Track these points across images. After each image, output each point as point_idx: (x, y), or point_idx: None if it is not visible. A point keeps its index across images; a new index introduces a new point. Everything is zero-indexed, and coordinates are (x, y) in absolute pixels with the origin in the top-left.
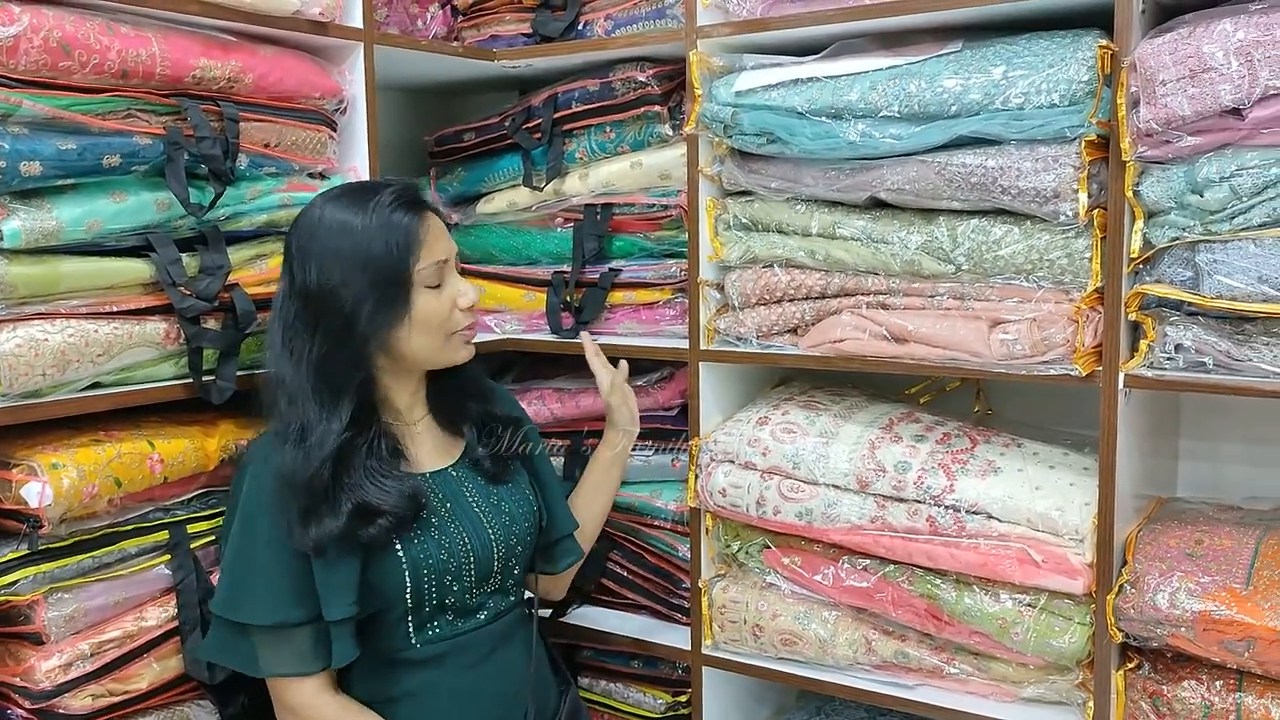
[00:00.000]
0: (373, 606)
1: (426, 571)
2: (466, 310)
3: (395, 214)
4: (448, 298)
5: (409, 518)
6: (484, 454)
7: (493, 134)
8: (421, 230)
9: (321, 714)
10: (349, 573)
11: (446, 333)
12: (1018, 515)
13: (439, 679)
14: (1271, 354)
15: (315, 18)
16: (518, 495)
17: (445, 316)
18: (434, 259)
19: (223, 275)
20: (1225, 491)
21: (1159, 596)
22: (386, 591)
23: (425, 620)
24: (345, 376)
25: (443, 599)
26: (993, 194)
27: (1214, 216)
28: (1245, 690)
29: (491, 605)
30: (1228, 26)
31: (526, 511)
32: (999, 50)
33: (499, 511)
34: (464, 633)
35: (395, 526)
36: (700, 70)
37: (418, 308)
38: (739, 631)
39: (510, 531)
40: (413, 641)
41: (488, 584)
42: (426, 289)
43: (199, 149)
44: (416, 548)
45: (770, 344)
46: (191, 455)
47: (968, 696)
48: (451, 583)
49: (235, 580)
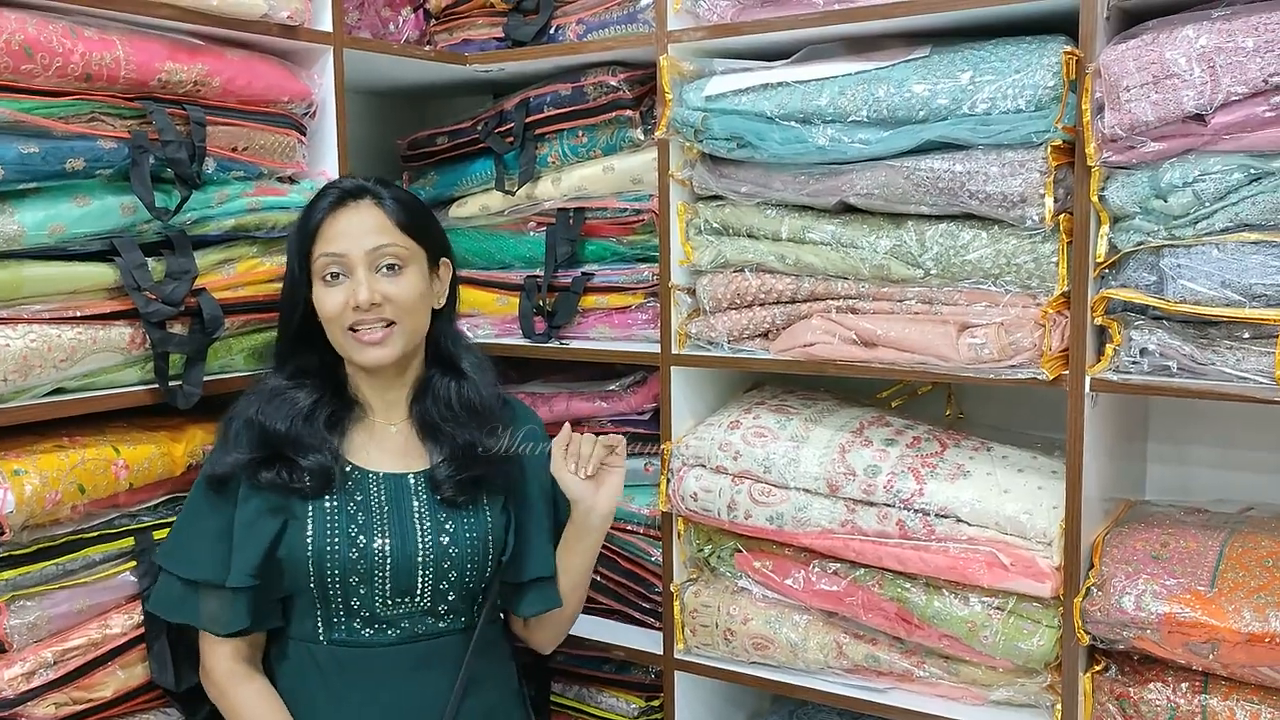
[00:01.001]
0: (280, 588)
1: (330, 565)
2: (355, 309)
3: (315, 204)
4: (344, 293)
5: (317, 488)
6: (443, 475)
7: (465, 138)
8: (325, 222)
9: (227, 683)
10: (259, 543)
11: (340, 329)
12: (986, 519)
13: (349, 689)
14: (1235, 358)
15: (284, 21)
16: (474, 526)
17: (336, 312)
18: (327, 251)
19: (189, 280)
20: (1193, 494)
21: (1125, 599)
22: (293, 573)
23: (334, 617)
24: (290, 345)
25: (348, 600)
26: (960, 199)
27: (1177, 221)
28: (1210, 692)
29: (408, 625)
30: (1190, 33)
31: (477, 543)
32: (966, 55)
33: (440, 532)
34: (371, 644)
35: (296, 488)
36: (671, 75)
37: (316, 298)
38: (711, 636)
39: (447, 555)
40: (320, 637)
41: (408, 601)
42: (320, 281)
43: (165, 153)
44: (326, 538)
45: (741, 348)
46: (158, 461)
47: (938, 699)
48: (358, 584)
49: (175, 527)
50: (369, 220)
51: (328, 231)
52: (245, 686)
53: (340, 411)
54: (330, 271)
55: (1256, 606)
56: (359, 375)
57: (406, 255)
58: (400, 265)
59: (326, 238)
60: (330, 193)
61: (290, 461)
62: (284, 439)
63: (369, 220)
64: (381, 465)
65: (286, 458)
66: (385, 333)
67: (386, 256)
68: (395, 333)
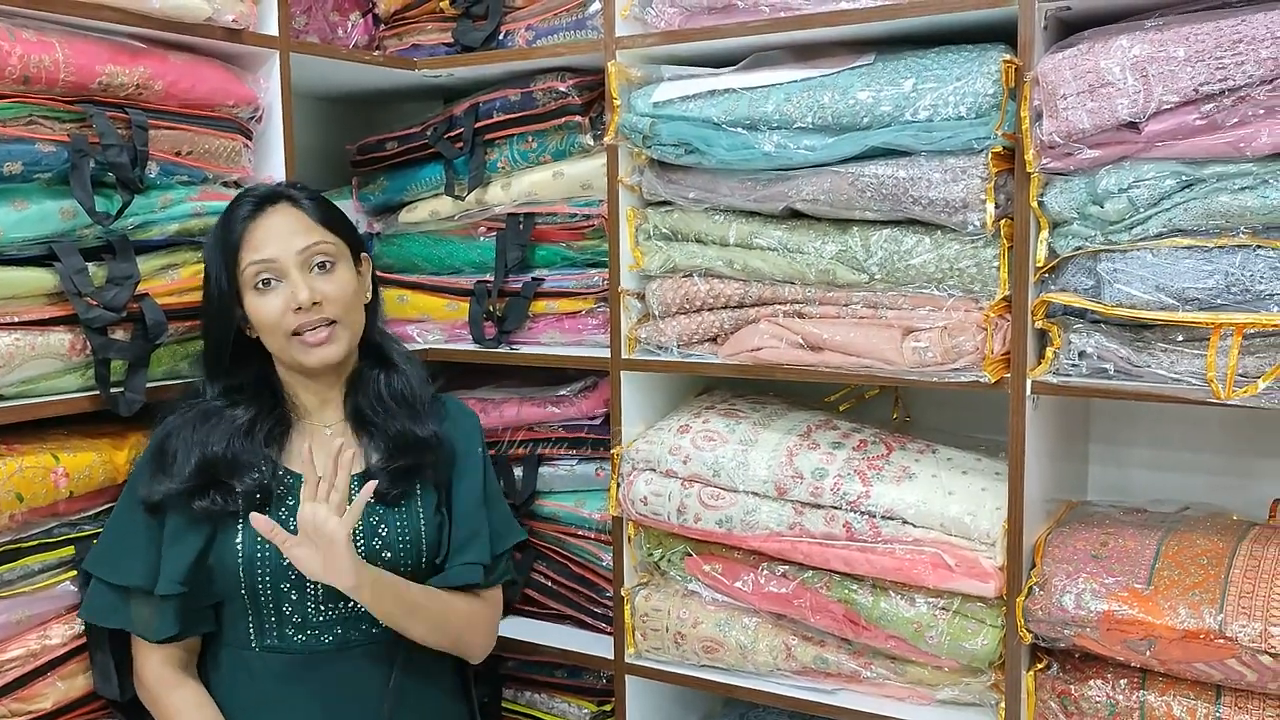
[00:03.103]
0: (211, 595)
1: (262, 571)
2: (297, 311)
3: (231, 216)
4: (282, 298)
5: (250, 506)
6: (378, 469)
7: (415, 143)
8: (248, 230)
9: (159, 689)
10: (188, 551)
11: (283, 334)
12: (931, 520)
13: (283, 695)
14: (1169, 360)
15: (229, 24)
16: (406, 521)
17: (276, 318)
18: (254, 259)
19: (131, 285)
20: (1133, 495)
21: (1066, 598)
22: (224, 578)
23: (265, 623)
24: (218, 362)
25: (280, 605)
26: (904, 204)
27: (1114, 227)
28: (1148, 688)
29: (341, 630)
30: (1124, 42)
31: (409, 538)
32: (909, 63)
33: (373, 536)
34: (304, 651)
35: (233, 507)
36: (619, 81)
37: (249, 308)
38: (661, 640)
39: (378, 556)
40: (253, 643)
41: (340, 605)
42: (253, 290)
43: (105, 156)
44: (257, 543)
45: (691, 353)
46: (99, 469)
47: (885, 700)
48: (289, 590)
49: (105, 533)
50: (292, 222)
51: (252, 239)
52: (177, 692)
53: (279, 423)
54: (262, 279)
55: (1191, 604)
56: (296, 380)
57: (335, 251)
58: (331, 262)
59: (253, 245)
60: (245, 201)
61: (225, 486)
62: (222, 462)
63: (292, 222)
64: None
65: (221, 483)
66: (329, 331)
67: (317, 254)
68: (338, 330)
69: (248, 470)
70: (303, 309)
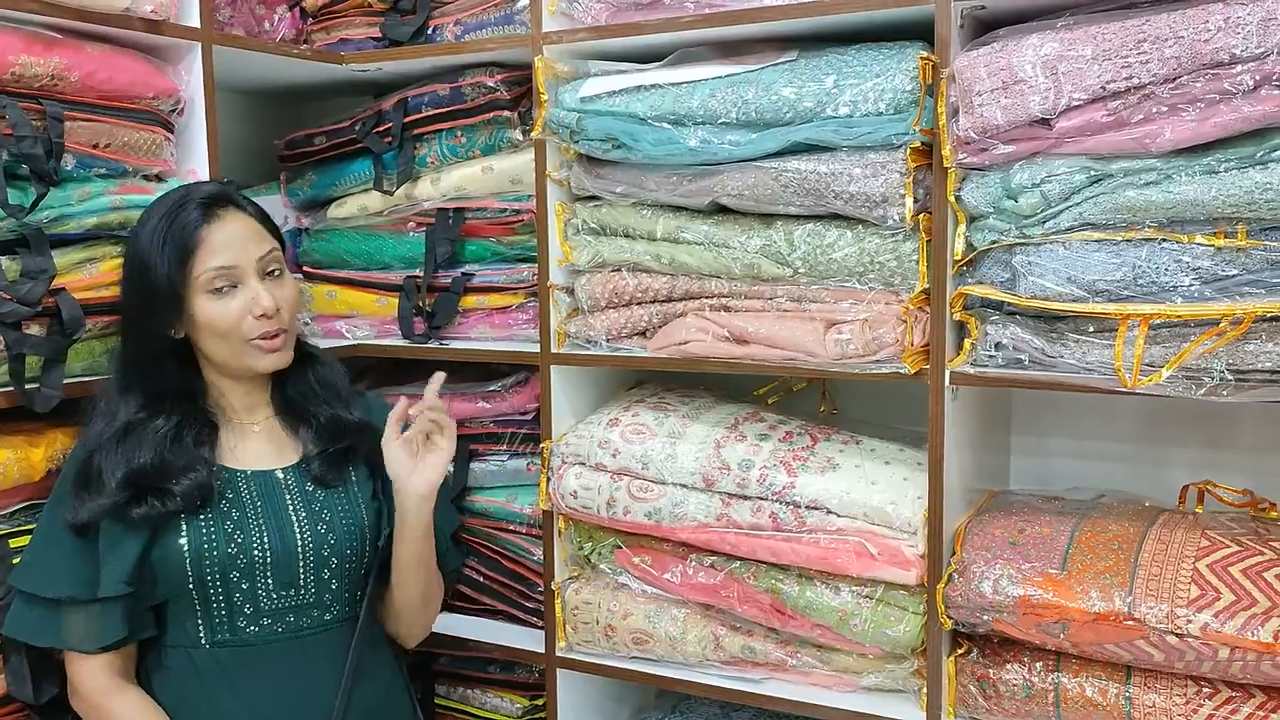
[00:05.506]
0: (157, 593)
1: (209, 563)
2: (260, 318)
3: (181, 218)
4: (240, 304)
5: (190, 505)
6: (313, 453)
7: (343, 138)
8: (204, 234)
9: (100, 699)
10: (130, 552)
11: (240, 340)
12: (855, 509)
13: (233, 691)
14: (1081, 350)
15: (148, 15)
16: (345, 504)
17: (234, 323)
18: (214, 264)
19: (46, 279)
20: (1053, 483)
21: (984, 584)
22: (169, 577)
23: (215, 617)
24: (140, 370)
25: (230, 597)
26: (826, 199)
27: (1027, 221)
28: (1062, 670)
29: (293, 618)
30: (1036, 41)
31: (351, 522)
32: (831, 60)
33: (316, 521)
34: (255, 642)
35: (172, 511)
36: (546, 76)
37: (200, 313)
38: (592, 633)
39: (324, 540)
40: (202, 640)
41: (291, 593)
42: (207, 295)
43: (19, 148)
44: (202, 537)
45: (620, 347)
46: (14, 466)
47: (811, 688)
48: (240, 580)
49: (31, 550)
50: (246, 228)
51: (211, 244)
52: (119, 698)
53: (205, 425)
54: (217, 285)
55: (1102, 587)
56: (225, 383)
57: (280, 259)
58: (280, 270)
59: (211, 250)
60: (193, 203)
61: (161, 490)
62: (152, 470)
63: (246, 228)
64: (248, 464)
65: (157, 489)
66: (283, 338)
67: (272, 263)
68: (287, 337)
69: (184, 473)
70: (266, 315)
